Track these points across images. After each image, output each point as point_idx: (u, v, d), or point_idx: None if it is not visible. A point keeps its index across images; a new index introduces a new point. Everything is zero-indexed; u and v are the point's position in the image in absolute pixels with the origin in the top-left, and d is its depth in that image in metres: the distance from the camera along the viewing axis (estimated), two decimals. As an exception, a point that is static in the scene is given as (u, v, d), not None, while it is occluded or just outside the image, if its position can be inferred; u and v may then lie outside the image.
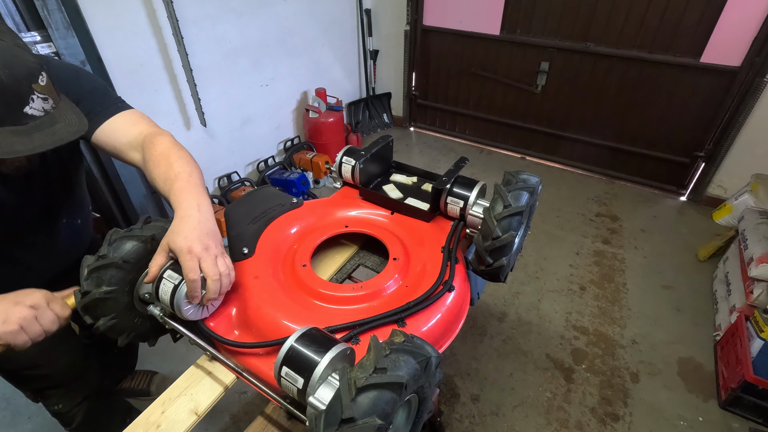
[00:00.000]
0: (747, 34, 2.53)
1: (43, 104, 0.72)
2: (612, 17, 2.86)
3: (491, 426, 1.73)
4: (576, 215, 2.98)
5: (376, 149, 1.20)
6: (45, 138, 0.71)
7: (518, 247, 1.02)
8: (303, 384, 0.61)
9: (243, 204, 1.14)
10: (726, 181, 2.95)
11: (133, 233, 0.82)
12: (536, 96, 3.41)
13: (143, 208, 2.23)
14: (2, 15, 1.63)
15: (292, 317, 0.82)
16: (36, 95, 0.71)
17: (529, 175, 0.95)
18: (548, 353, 2.01)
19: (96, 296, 0.76)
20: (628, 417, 1.76)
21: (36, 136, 0.70)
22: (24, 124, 0.70)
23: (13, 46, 0.70)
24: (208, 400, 0.80)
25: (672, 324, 2.18)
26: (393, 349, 0.57)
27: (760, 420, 1.74)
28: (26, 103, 0.69)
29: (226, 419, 1.75)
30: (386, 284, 0.91)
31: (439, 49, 3.66)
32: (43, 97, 0.72)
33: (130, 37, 2.11)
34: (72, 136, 0.75)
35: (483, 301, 2.28)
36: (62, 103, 0.77)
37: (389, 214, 1.15)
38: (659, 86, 2.92)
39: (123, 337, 0.85)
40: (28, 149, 0.69)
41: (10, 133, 0.68)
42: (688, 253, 2.64)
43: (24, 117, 0.70)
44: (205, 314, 0.83)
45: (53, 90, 0.75)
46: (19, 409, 1.79)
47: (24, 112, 0.69)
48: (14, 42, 0.71)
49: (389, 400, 0.53)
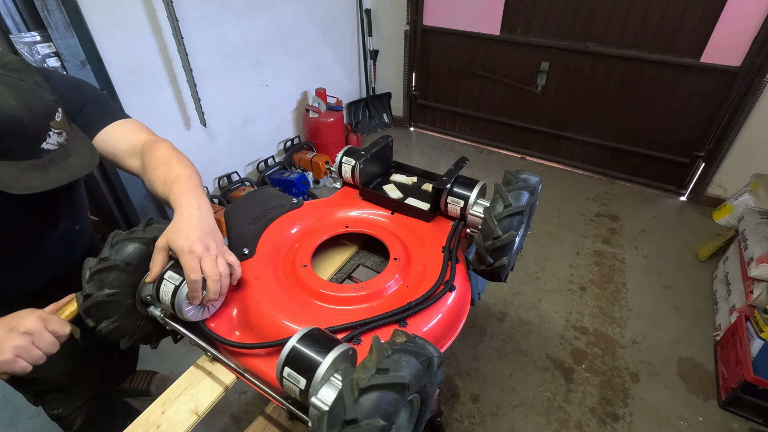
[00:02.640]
0: (747, 34, 2.53)
1: (57, 138, 0.75)
2: (612, 17, 2.87)
3: (491, 426, 1.73)
4: (576, 215, 2.98)
5: (376, 149, 1.20)
6: (60, 173, 0.75)
7: (519, 246, 1.02)
8: (305, 385, 0.61)
9: (243, 204, 1.14)
10: (726, 181, 2.95)
11: (135, 235, 0.81)
12: (536, 96, 3.41)
13: (143, 209, 2.23)
14: (2, 15, 1.62)
15: (293, 317, 0.82)
16: (53, 131, 0.74)
17: (529, 175, 0.95)
18: (548, 353, 2.02)
19: (98, 299, 0.76)
20: (628, 417, 1.76)
21: (52, 171, 0.74)
22: (40, 158, 0.73)
23: (34, 86, 0.72)
24: (208, 401, 0.80)
25: (672, 324, 2.18)
26: (395, 349, 0.57)
27: (760, 420, 1.74)
28: (44, 140, 0.73)
29: (226, 419, 1.75)
30: (387, 284, 0.91)
31: (439, 49, 3.65)
32: (58, 132, 0.75)
33: (130, 37, 2.10)
34: (85, 170, 0.79)
35: (483, 301, 2.28)
36: (73, 133, 0.81)
37: (389, 214, 1.15)
38: (659, 86, 2.93)
39: (125, 340, 0.84)
40: (44, 185, 0.73)
41: (28, 168, 0.72)
42: (688, 253, 2.64)
43: (41, 152, 0.73)
44: (205, 315, 0.83)
45: (67, 124, 0.78)
46: (19, 409, 1.79)
47: (41, 148, 0.73)
48: (34, 81, 0.73)
49: (392, 401, 0.53)
